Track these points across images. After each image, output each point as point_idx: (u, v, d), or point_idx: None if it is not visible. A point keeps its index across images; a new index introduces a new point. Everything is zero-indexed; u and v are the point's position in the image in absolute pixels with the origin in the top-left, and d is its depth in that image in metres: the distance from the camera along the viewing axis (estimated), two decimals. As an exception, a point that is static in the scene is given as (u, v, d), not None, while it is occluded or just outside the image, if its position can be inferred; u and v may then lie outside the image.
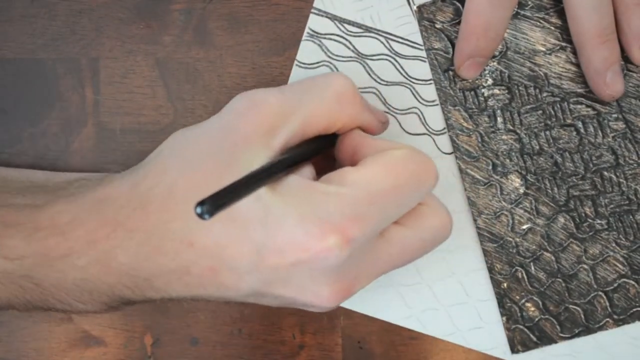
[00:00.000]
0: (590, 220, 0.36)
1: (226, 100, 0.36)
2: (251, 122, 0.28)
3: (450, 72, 0.36)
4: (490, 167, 0.36)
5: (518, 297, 0.36)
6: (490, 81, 0.36)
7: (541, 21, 0.36)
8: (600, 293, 0.36)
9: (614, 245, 0.36)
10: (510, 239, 0.36)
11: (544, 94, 0.36)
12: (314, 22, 0.37)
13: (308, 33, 0.37)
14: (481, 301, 0.36)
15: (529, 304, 0.36)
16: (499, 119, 0.36)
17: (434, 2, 0.36)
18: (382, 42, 0.37)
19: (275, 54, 0.37)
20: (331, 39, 0.37)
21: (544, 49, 0.36)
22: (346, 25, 0.37)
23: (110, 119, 0.37)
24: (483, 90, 0.36)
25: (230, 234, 0.27)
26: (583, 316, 0.36)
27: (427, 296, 0.36)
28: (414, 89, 0.37)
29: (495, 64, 0.36)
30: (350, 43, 0.37)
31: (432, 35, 0.36)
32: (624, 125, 0.36)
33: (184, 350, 0.37)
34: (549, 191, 0.36)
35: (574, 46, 0.36)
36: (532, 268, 0.36)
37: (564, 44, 0.36)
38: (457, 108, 0.36)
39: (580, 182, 0.36)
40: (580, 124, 0.36)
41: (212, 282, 0.28)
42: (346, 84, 0.30)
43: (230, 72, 0.37)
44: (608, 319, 0.36)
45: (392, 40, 0.37)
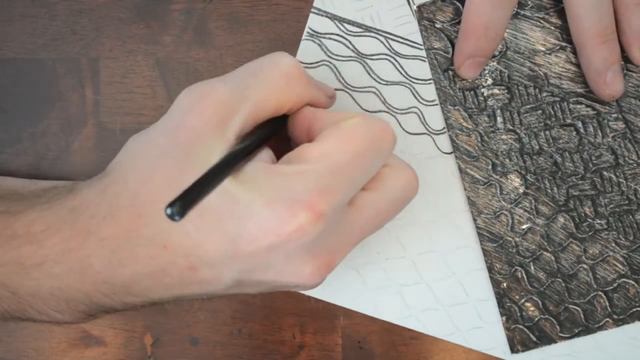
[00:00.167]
0: (590, 220, 0.36)
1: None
2: (200, 116, 0.28)
3: (450, 72, 0.36)
4: (490, 167, 0.36)
5: (518, 296, 0.36)
6: (490, 81, 0.36)
7: (541, 21, 0.36)
8: (600, 293, 0.36)
9: (613, 245, 0.36)
10: (510, 238, 0.36)
11: (544, 94, 0.36)
12: (314, 22, 0.37)
13: (308, 33, 0.37)
14: (481, 301, 0.36)
15: (528, 304, 0.36)
16: (499, 119, 0.36)
17: (434, 1, 0.36)
18: (382, 42, 0.37)
19: (275, 54, 0.37)
20: (331, 38, 0.37)
21: (543, 48, 0.36)
22: (346, 25, 0.37)
23: (110, 119, 0.37)
24: (483, 90, 0.36)
25: (202, 230, 0.27)
26: (583, 316, 0.36)
27: (427, 296, 0.36)
28: (413, 88, 0.37)
29: (495, 63, 0.36)
30: (350, 43, 0.37)
31: (432, 35, 0.36)
32: (623, 125, 0.36)
33: (184, 350, 0.37)
34: (549, 191, 0.36)
35: (573, 46, 0.36)
36: (532, 268, 0.36)
37: (564, 44, 0.36)
38: (456, 108, 0.36)
39: (580, 182, 0.36)
40: (580, 124, 0.36)
41: (193, 280, 0.28)
42: (292, 64, 0.29)
43: (230, 72, 0.37)
44: (608, 319, 0.36)
45: (392, 39, 0.37)
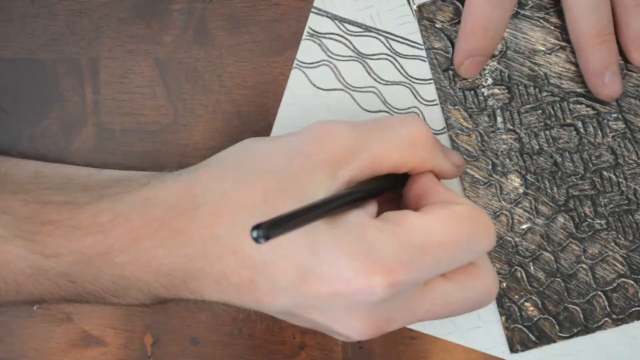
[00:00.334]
0: (590, 220, 0.36)
1: (226, 100, 0.37)
2: (322, 149, 0.28)
3: (450, 72, 0.36)
4: (490, 167, 0.36)
5: (517, 296, 0.36)
6: (490, 81, 0.36)
7: (541, 21, 0.36)
8: (599, 293, 0.36)
9: (613, 245, 0.36)
10: (510, 238, 0.36)
11: (544, 94, 0.36)
12: (314, 22, 0.37)
13: (308, 32, 0.37)
14: (481, 301, 0.36)
15: (528, 304, 0.36)
16: (499, 119, 0.36)
17: (434, 1, 0.36)
18: (382, 42, 0.37)
19: (275, 54, 0.37)
20: (331, 38, 0.37)
21: (543, 48, 0.36)
22: (346, 25, 0.37)
23: (110, 119, 0.37)
24: (483, 89, 0.36)
25: (277, 253, 0.27)
26: (582, 316, 0.36)
27: (426, 296, 0.36)
28: (413, 88, 0.37)
29: (495, 63, 0.36)
30: (350, 42, 0.37)
31: (432, 35, 0.36)
32: (623, 125, 0.36)
33: (184, 350, 0.37)
34: (549, 191, 0.36)
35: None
36: (532, 268, 0.36)
37: (563, 44, 0.36)
38: (456, 107, 0.36)
39: (580, 182, 0.36)
40: (579, 124, 0.36)
41: (249, 294, 0.28)
42: (421, 130, 0.30)
43: (230, 72, 0.37)
44: (607, 319, 0.36)
45: (392, 39, 0.37)
